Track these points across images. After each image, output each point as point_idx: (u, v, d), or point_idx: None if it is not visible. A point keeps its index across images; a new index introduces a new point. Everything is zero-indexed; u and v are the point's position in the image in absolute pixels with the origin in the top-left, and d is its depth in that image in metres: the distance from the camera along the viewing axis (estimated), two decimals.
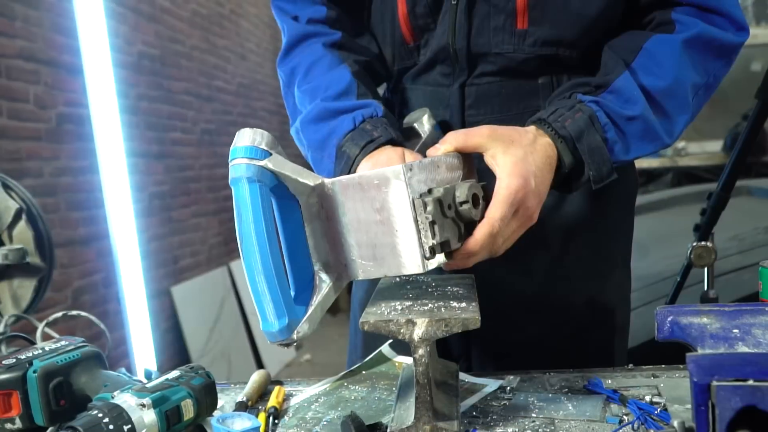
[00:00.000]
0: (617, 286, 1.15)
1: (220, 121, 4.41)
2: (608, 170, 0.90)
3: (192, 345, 3.61)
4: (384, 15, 1.09)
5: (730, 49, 0.96)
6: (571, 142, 0.88)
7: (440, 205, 0.75)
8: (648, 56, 0.93)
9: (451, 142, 0.85)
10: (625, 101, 0.91)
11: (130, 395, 0.79)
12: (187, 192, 3.90)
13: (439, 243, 0.75)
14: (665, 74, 0.92)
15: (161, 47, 3.64)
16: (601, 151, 0.89)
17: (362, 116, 0.98)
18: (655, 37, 0.95)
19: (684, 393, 0.90)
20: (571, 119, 0.89)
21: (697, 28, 0.93)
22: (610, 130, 0.90)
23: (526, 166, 0.82)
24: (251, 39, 5.15)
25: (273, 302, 0.76)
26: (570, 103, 0.91)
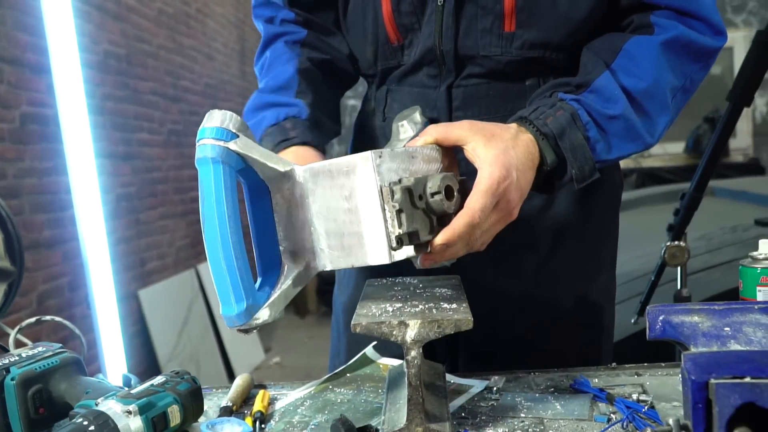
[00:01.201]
0: (604, 287, 1.16)
1: (187, 121, 4.35)
2: (590, 169, 0.90)
3: (160, 349, 3.55)
4: (365, 13, 1.08)
5: (707, 53, 0.96)
6: (553, 139, 0.87)
7: (410, 195, 0.74)
8: (628, 57, 0.93)
9: (431, 134, 0.84)
10: (605, 100, 0.91)
11: (115, 402, 0.77)
12: (154, 194, 3.83)
13: (407, 233, 0.73)
14: (645, 75, 0.92)
15: (127, 46, 3.58)
16: (583, 149, 0.89)
17: (285, 114, 1.02)
18: (634, 39, 0.95)
19: (670, 391, 0.91)
20: (553, 117, 0.88)
21: (676, 31, 0.93)
22: (591, 128, 0.89)
23: (507, 159, 0.81)
24: (218, 39, 5.09)
25: (232, 286, 0.75)
26: (551, 101, 0.91)
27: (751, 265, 0.95)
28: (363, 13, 1.08)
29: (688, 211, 1.60)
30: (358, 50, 1.14)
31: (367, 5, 1.07)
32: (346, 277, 1.25)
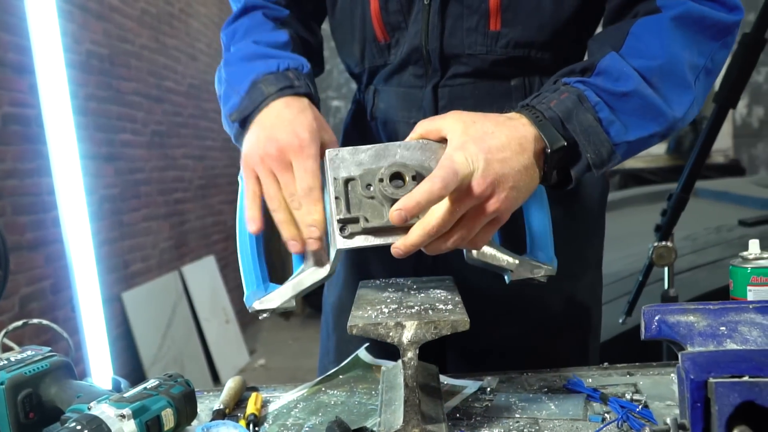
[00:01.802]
0: (590, 287, 1.16)
1: (170, 122, 4.32)
2: (609, 152, 0.84)
3: (144, 352, 3.51)
4: (354, 11, 1.08)
5: (724, 29, 0.90)
6: (559, 122, 0.82)
7: (355, 185, 0.80)
8: (635, 39, 0.88)
9: (417, 128, 0.83)
10: (615, 79, 0.85)
11: (108, 406, 0.76)
12: (137, 195, 3.79)
13: (345, 218, 0.80)
14: (656, 54, 0.86)
15: (110, 46, 3.54)
16: (596, 131, 0.83)
17: (288, 64, 0.96)
18: (640, 20, 0.90)
19: (663, 390, 0.92)
20: (557, 100, 0.83)
21: (684, 6, 0.88)
22: (602, 109, 0.84)
23: (478, 143, 0.77)
24: (201, 39, 5.06)
25: (245, 276, 0.91)
26: (554, 87, 0.86)
27: (741, 264, 0.95)
28: (351, 11, 1.08)
29: (675, 211, 1.62)
30: (346, 48, 1.14)
31: (355, 4, 1.07)
32: (336, 277, 1.24)
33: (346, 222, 0.80)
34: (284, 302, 0.88)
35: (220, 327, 4.55)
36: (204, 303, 4.41)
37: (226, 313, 4.75)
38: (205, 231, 4.85)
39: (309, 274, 0.88)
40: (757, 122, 6.53)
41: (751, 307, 0.70)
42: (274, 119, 0.89)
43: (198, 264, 4.55)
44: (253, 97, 0.92)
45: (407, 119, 1.09)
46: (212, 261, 4.81)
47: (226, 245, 5.25)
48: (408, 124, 1.09)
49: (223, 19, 5.62)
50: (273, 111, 0.90)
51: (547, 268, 0.89)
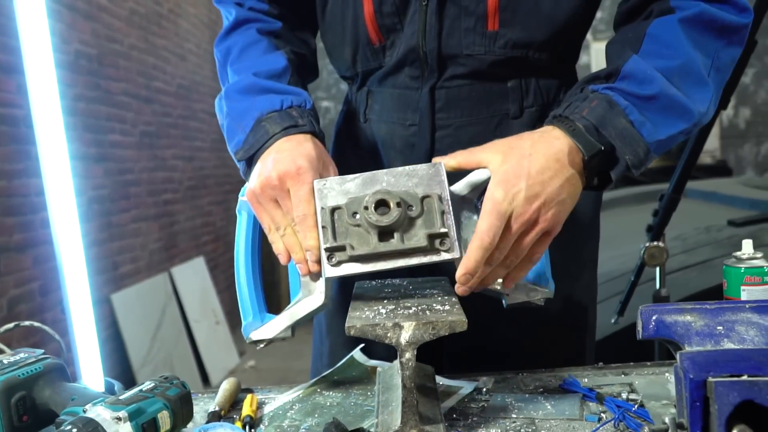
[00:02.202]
0: (587, 287, 1.17)
1: (159, 123, 4.30)
2: (645, 151, 0.86)
3: (133, 354, 3.49)
4: (345, 14, 1.07)
5: (732, 30, 0.92)
6: (594, 130, 0.84)
7: (341, 213, 0.82)
8: (653, 40, 0.90)
9: (454, 156, 0.85)
10: (640, 82, 0.87)
11: (104, 408, 0.76)
12: (126, 196, 3.77)
13: (331, 247, 0.80)
14: (675, 54, 0.89)
15: (98, 46, 3.52)
16: (630, 133, 0.85)
17: (291, 102, 0.97)
18: (655, 22, 0.92)
19: (658, 389, 0.92)
20: (588, 108, 0.86)
21: (697, 8, 0.90)
22: (632, 112, 0.86)
23: (516, 173, 0.81)
24: (191, 39, 5.04)
25: (242, 306, 0.93)
26: (582, 95, 0.88)
27: (735, 264, 0.96)
28: (342, 14, 1.07)
29: (667, 212, 1.63)
30: (336, 51, 1.13)
31: (347, 7, 1.06)
32: None
33: (333, 250, 0.81)
34: (280, 332, 0.89)
35: (209, 328, 4.53)
36: (193, 304, 4.39)
37: (216, 315, 4.73)
38: (195, 232, 4.83)
39: (304, 303, 0.88)
40: (743, 123, 6.59)
41: (748, 306, 0.70)
42: (275, 153, 0.91)
43: (187, 265, 4.53)
44: (258, 136, 0.94)
45: (403, 121, 1.08)
46: (202, 262, 4.79)
47: (216, 246, 5.23)
48: (404, 125, 1.08)
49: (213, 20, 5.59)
50: (275, 147, 0.92)
51: (544, 291, 0.90)
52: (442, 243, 0.80)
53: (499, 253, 0.81)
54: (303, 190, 0.86)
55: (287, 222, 0.87)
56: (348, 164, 1.17)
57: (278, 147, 0.91)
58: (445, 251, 0.80)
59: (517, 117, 1.05)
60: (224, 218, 5.47)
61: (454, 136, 1.06)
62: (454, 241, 0.80)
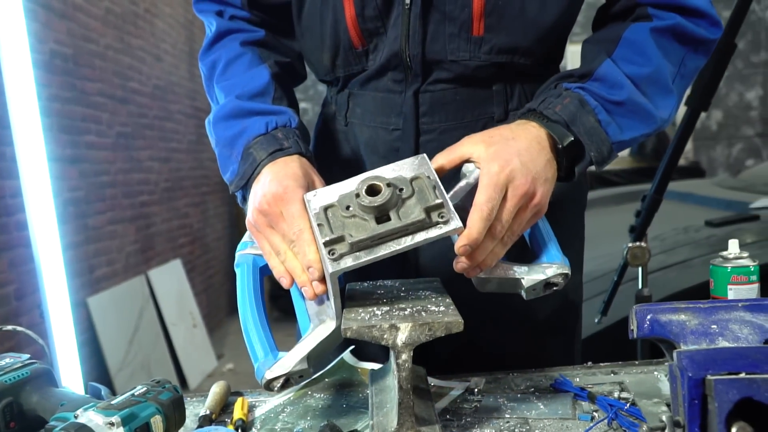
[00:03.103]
0: (573, 288, 1.17)
1: (135, 123, 4.24)
2: (608, 150, 0.91)
3: (110, 358, 3.44)
4: (324, 18, 1.05)
5: (701, 42, 0.97)
6: (565, 125, 0.89)
7: (335, 210, 0.82)
8: (627, 45, 0.94)
9: (436, 160, 0.87)
10: (610, 87, 0.92)
11: (96, 413, 0.75)
12: (102, 198, 3.72)
13: (331, 239, 0.79)
14: (646, 62, 0.93)
15: (74, 46, 3.46)
16: (597, 131, 0.90)
17: (275, 123, 0.97)
18: (632, 26, 0.96)
19: (649, 388, 0.93)
20: (561, 105, 0.90)
21: (673, 21, 0.95)
22: (600, 112, 0.91)
23: (506, 149, 0.84)
24: (167, 40, 4.98)
25: (251, 347, 0.89)
26: (556, 92, 0.93)
27: (721, 264, 0.97)
28: (321, 18, 1.06)
29: (649, 212, 1.65)
30: (314, 56, 1.11)
31: (325, 11, 1.04)
32: None
33: (332, 243, 0.79)
34: (296, 365, 0.84)
35: (187, 331, 4.49)
36: (171, 307, 4.34)
37: (194, 317, 4.68)
38: (171, 234, 4.78)
39: (318, 331, 0.86)
40: (715, 125, 6.70)
41: (740, 305, 0.71)
42: (263, 179, 0.91)
43: (164, 268, 4.48)
44: (247, 165, 0.95)
45: (386, 125, 1.07)
46: (179, 264, 4.74)
47: (192, 248, 5.18)
48: (387, 130, 1.07)
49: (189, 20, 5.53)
50: (263, 173, 0.93)
51: (558, 264, 0.87)
52: (441, 215, 0.79)
53: (500, 227, 0.82)
54: (294, 208, 0.86)
55: (286, 246, 0.87)
56: (329, 168, 1.15)
57: (265, 173, 0.92)
58: (444, 223, 0.79)
59: (501, 120, 1.05)
60: (201, 220, 5.42)
61: (438, 141, 1.05)
62: (451, 211, 0.79)
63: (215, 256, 5.73)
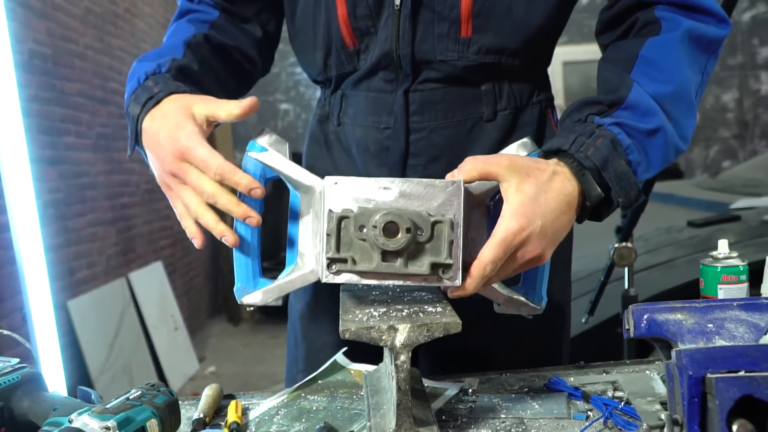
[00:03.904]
0: (561, 289, 1.18)
1: (116, 124, 4.20)
2: (636, 194, 0.86)
3: (91, 362, 3.40)
4: (317, 18, 1.06)
5: (716, 43, 0.94)
6: (596, 172, 0.83)
7: (348, 223, 0.78)
8: (647, 63, 0.91)
9: (468, 170, 0.81)
10: (642, 115, 0.87)
11: (91, 418, 0.73)
12: (83, 200, 3.67)
13: (333, 258, 0.78)
14: (668, 78, 0.89)
15: (53, 46, 3.42)
16: (627, 176, 0.85)
17: (145, 74, 0.94)
18: (649, 42, 0.92)
19: (642, 386, 0.94)
20: (594, 147, 0.84)
21: (686, 25, 0.91)
22: (632, 151, 0.86)
23: (533, 208, 0.79)
24: (147, 40, 4.94)
25: (237, 269, 0.92)
26: (588, 128, 0.86)
27: (711, 264, 0.99)
28: (314, 18, 1.07)
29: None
30: (307, 56, 1.12)
31: (318, 10, 1.06)
32: None
33: (335, 261, 0.78)
34: (271, 301, 0.89)
35: (168, 334, 4.45)
36: (152, 310, 4.30)
37: (175, 320, 4.64)
38: (153, 236, 4.74)
39: (298, 277, 0.87)
40: None
41: (735, 304, 0.72)
42: (151, 140, 0.89)
43: (145, 270, 4.44)
44: (130, 124, 0.93)
45: (377, 124, 1.08)
46: (160, 267, 4.70)
47: (174, 251, 5.14)
48: (378, 128, 1.08)
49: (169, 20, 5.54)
50: (148, 131, 0.89)
51: (535, 308, 0.90)
52: (445, 272, 0.78)
53: (496, 278, 0.82)
54: (199, 152, 0.83)
55: (198, 200, 0.85)
56: (323, 167, 1.16)
57: (148, 127, 0.89)
58: (447, 279, 0.79)
59: (490, 120, 1.06)
60: None
61: (428, 139, 1.06)
62: (457, 270, 0.79)
63: (196, 257, 5.69)
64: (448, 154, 1.06)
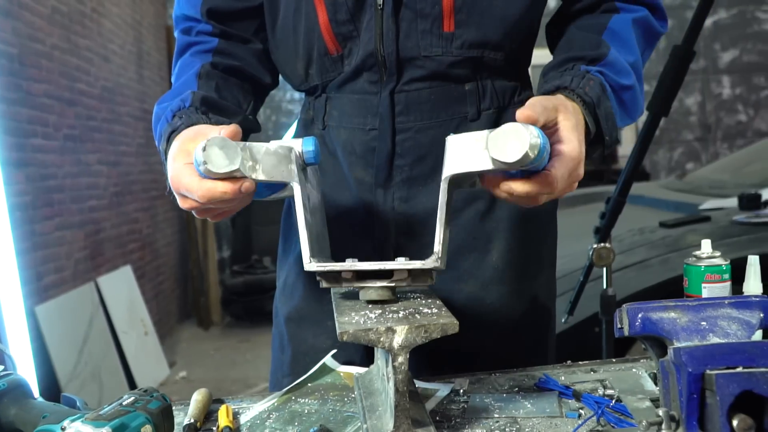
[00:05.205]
0: (546, 286, 1.20)
1: (84, 126, 4.12)
2: (616, 136, 0.95)
3: (60, 368, 3.32)
4: (297, 28, 1.07)
5: (657, 37, 1.08)
6: (593, 107, 0.91)
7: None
8: (613, 34, 1.00)
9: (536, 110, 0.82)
10: (618, 72, 0.96)
11: (84, 424, 0.72)
12: (50, 203, 3.59)
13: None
14: (631, 50, 1.00)
15: (19, 45, 3.34)
16: (612, 117, 0.93)
17: (171, 112, 0.98)
18: (614, 18, 1.02)
19: (632, 384, 0.95)
20: (589, 87, 0.92)
21: (643, 12, 1.03)
22: (612, 99, 0.94)
23: (580, 132, 0.85)
24: (114, 40, 4.85)
25: None
26: (579, 73, 0.94)
27: (695, 263, 1.01)
28: (294, 28, 1.07)
29: (613, 214, 1.69)
30: (288, 67, 1.13)
31: (299, 20, 1.06)
32: (289, 288, 1.22)
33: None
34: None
35: (138, 339, 4.37)
36: (121, 315, 4.23)
37: (145, 325, 4.57)
38: (121, 240, 4.65)
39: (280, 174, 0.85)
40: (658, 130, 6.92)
41: (727, 302, 0.74)
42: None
43: (114, 274, 4.36)
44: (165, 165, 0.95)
45: (363, 125, 1.09)
46: (129, 271, 4.62)
47: (143, 254, 5.06)
48: (364, 130, 1.09)
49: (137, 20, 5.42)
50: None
51: None
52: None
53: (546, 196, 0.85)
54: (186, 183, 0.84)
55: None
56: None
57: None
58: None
59: (474, 119, 1.08)
60: (151, 225, 5.29)
61: (414, 139, 1.07)
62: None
63: (165, 261, 5.61)
64: (434, 154, 1.07)
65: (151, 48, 5.72)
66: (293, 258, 1.20)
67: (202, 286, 5.98)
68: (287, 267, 1.23)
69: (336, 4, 1.02)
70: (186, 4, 1.14)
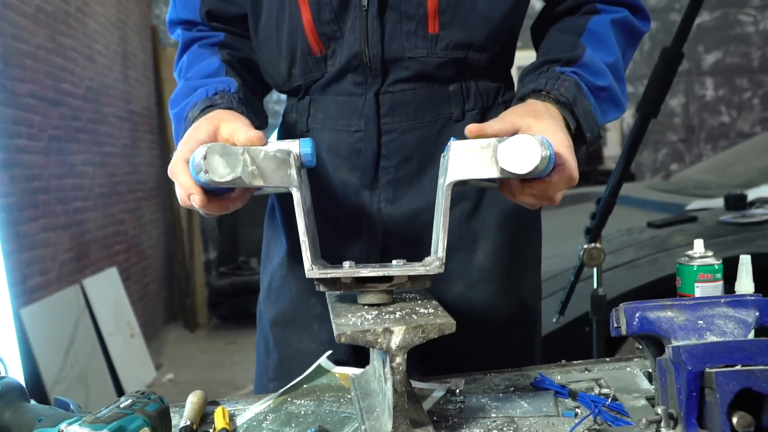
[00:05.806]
0: (532, 285, 1.20)
1: (68, 127, 4.08)
2: (598, 132, 0.98)
3: (45, 372, 3.29)
4: (280, 28, 1.07)
5: (639, 36, 1.09)
6: (569, 107, 0.93)
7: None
8: (592, 35, 1.02)
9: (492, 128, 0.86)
10: (594, 74, 0.98)
11: (82, 427, 0.72)
12: (35, 204, 3.56)
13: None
14: (610, 50, 1.02)
15: (4, 45, 3.30)
16: (591, 114, 0.96)
17: (215, 89, 1.00)
18: (593, 19, 1.05)
19: (627, 383, 0.96)
20: (563, 87, 0.94)
21: (623, 13, 1.05)
22: (590, 96, 0.96)
23: (555, 126, 0.87)
24: (99, 40, 4.81)
25: None
26: (554, 74, 0.97)
27: (688, 263, 1.02)
28: (278, 28, 1.08)
29: (604, 214, 1.70)
30: (271, 67, 1.13)
31: (282, 19, 1.06)
32: (274, 292, 1.21)
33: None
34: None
35: (124, 342, 4.34)
36: (107, 317, 4.19)
37: (131, 327, 4.53)
38: (107, 241, 4.62)
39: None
40: None
41: (723, 301, 0.75)
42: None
43: (100, 276, 4.32)
44: (184, 127, 0.98)
45: (348, 127, 1.09)
46: (115, 273, 4.58)
47: (128, 256, 5.02)
48: (349, 132, 1.09)
49: (122, 20, 5.38)
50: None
51: None
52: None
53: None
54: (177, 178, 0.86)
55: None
56: None
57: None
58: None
59: (459, 120, 1.08)
60: (137, 227, 5.25)
61: (399, 141, 1.08)
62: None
63: (151, 263, 5.57)
64: (419, 155, 1.07)
65: (136, 48, 5.68)
66: (278, 261, 1.20)
67: (189, 288, 5.95)
68: (271, 270, 1.22)
69: (320, 4, 1.02)
70: (183, 9, 1.14)
